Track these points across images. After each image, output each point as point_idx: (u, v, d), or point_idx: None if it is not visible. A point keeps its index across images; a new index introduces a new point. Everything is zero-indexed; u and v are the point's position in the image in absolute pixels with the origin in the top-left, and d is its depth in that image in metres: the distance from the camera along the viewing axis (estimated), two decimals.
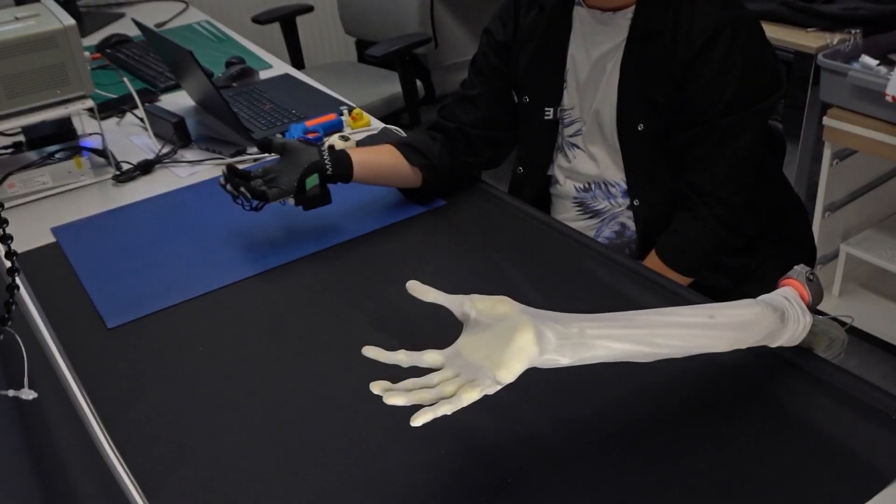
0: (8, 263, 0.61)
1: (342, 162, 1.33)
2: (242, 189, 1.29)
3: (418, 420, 0.77)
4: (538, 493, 0.90)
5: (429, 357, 0.84)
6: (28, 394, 0.62)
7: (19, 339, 0.63)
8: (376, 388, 0.81)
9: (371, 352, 0.85)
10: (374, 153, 1.41)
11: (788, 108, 2.20)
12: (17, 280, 0.60)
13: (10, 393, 0.63)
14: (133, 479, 0.67)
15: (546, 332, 0.81)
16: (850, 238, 2.30)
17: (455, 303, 0.87)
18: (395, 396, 0.80)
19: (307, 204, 1.33)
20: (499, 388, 0.81)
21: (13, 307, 0.60)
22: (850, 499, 0.86)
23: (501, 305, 0.84)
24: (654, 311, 0.90)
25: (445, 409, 0.78)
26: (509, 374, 0.80)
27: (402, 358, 0.85)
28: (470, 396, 0.78)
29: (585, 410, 1.00)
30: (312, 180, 1.30)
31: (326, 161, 1.31)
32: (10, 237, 0.62)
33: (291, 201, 1.31)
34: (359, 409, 1.04)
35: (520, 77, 1.45)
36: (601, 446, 0.95)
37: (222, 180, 1.32)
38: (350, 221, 1.44)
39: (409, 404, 0.80)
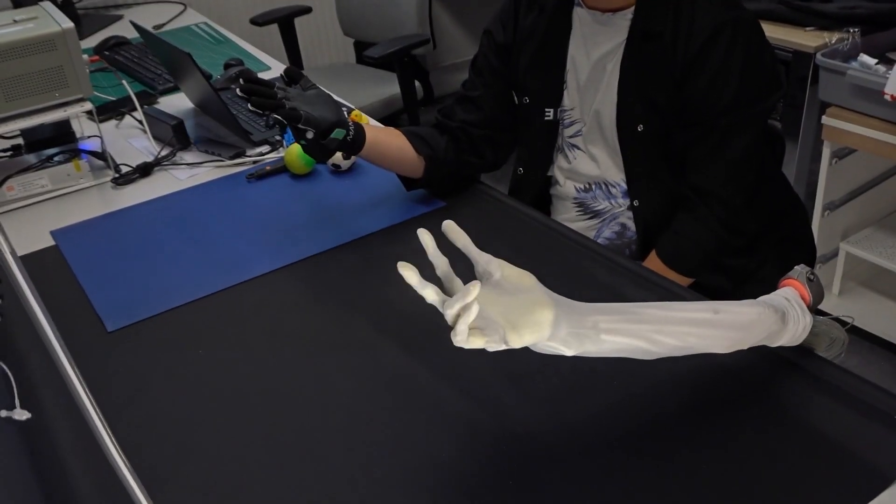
0: None
1: (359, 133, 1.32)
2: (276, 114, 1.20)
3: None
4: (540, 493, 0.89)
5: (458, 283, 0.83)
6: (21, 414, 0.62)
7: (3, 366, 0.63)
8: (405, 268, 0.81)
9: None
10: (385, 134, 1.40)
11: (787, 108, 2.20)
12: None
13: (3, 413, 0.62)
14: (137, 478, 0.67)
15: (562, 321, 0.81)
16: (849, 237, 2.30)
17: (482, 259, 0.86)
18: (427, 289, 0.79)
19: (313, 148, 1.27)
20: (502, 347, 0.80)
21: None
22: (851, 499, 0.86)
23: (527, 279, 0.84)
24: (660, 304, 0.90)
25: (457, 332, 0.77)
26: (519, 340, 0.80)
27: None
28: (476, 341, 0.77)
29: (587, 411, 1.00)
30: (339, 133, 1.27)
31: (350, 126, 1.30)
32: None
33: (310, 134, 1.24)
34: (360, 411, 1.04)
35: (520, 78, 1.45)
36: (603, 447, 0.95)
37: (240, 91, 1.20)
38: (350, 223, 1.44)
39: (428, 299, 0.79)
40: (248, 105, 1.19)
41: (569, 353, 0.84)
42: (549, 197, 1.56)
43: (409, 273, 0.81)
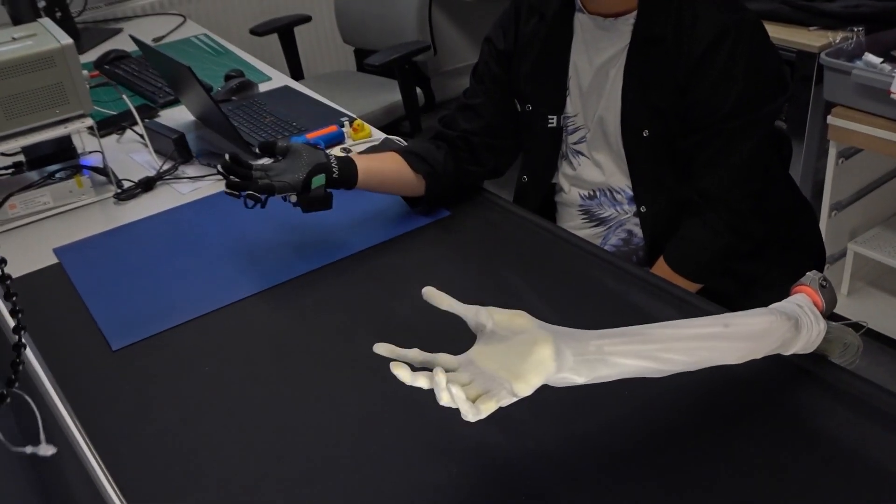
0: (12, 322, 0.60)
1: (347, 167, 1.32)
2: (249, 191, 1.24)
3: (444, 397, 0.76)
4: None
5: (442, 359, 0.82)
6: (47, 449, 0.61)
7: (29, 399, 0.62)
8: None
9: (382, 348, 0.84)
10: (378, 160, 1.39)
11: (792, 108, 2.18)
12: (23, 338, 0.58)
13: (28, 450, 0.61)
14: None
15: (564, 350, 0.80)
16: (857, 237, 2.28)
17: (470, 312, 0.85)
18: (420, 378, 0.78)
19: (309, 204, 1.29)
20: (514, 400, 0.79)
21: (20, 367, 0.59)
22: None
23: (519, 319, 0.83)
24: (669, 323, 0.88)
25: (466, 413, 0.76)
26: (527, 386, 0.78)
27: (415, 356, 0.83)
28: (488, 407, 0.77)
29: (597, 424, 0.99)
30: (319, 180, 1.28)
31: (333, 164, 1.30)
32: (16, 293, 0.60)
33: (294, 198, 1.28)
34: (368, 428, 1.02)
35: (522, 85, 1.43)
36: (615, 459, 0.94)
37: (221, 168, 1.25)
38: (353, 235, 1.43)
39: (424, 387, 0.78)
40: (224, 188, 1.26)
41: (581, 381, 0.82)
42: (555, 204, 1.54)
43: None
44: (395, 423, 1.03)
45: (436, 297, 0.86)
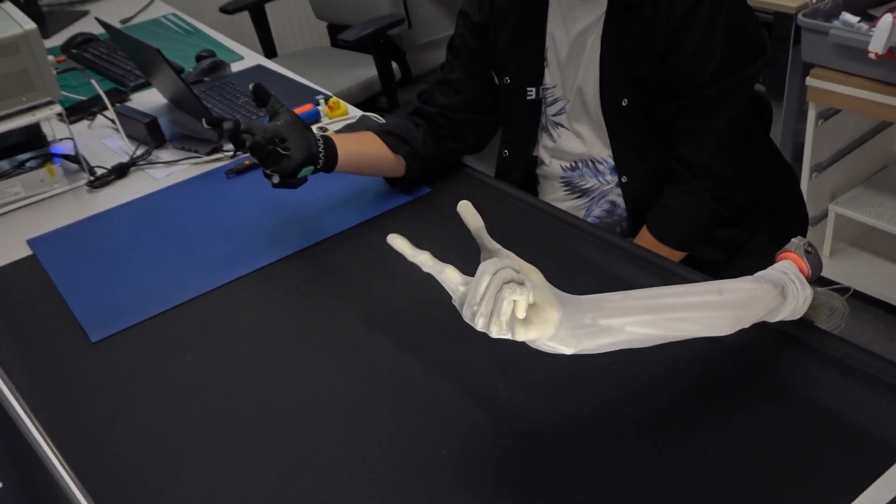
0: None
1: (330, 153, 1.29)
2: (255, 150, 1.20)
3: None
4: (544, 486, 0.88)
5: (450, 273, 0.80)
6: None
7: None
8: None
9: (397, 241, 0.84)
10: (358, 143, 1.37)
11: (771, 70, 2.17)
12: None
13: None
14: None
15: (565, 321, 0.79)
16: (838, 198, 2.29)
17: (493, 247, 0.85)
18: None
19: (283, 186, 1.25)
20: (507, 336, 0.77)
21: None
22: (862, 473, 0.84)
23: (535, 275, 0.81)
24: (663, 290, 0.87)
25: (478, 320, 0.75)
26: (525, 333, 0.77)
27: (425, 259, 0.82)
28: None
29: (588, 400, 0.98)
30: (307, 171, 1.25)
31: (321, 155, 1.26)
32: None
33: (276, 179, 1.24)
34: (356, 410, 1.01)
35: (499, 58, 1.41)
36: (606, 435, 0.93)
37: (232, 125, 1.21)
38: (334, 216, 1.41)
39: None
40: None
41: (568, 351, 0.81)
42: (537, 178, 1.53)
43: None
44: (385, 406, 1.02)
45: (469, 215, 0.87)
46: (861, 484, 0.83)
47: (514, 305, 0.75)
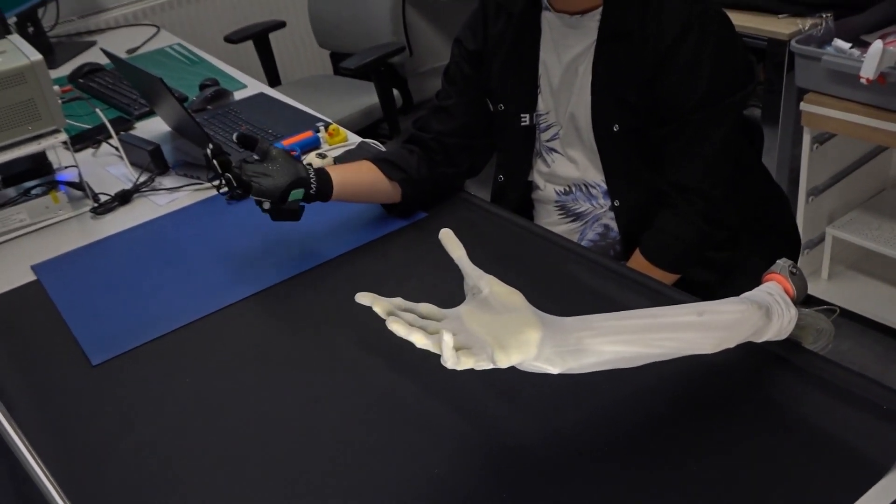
0: None
1: (324, 181, 1.32)
2: (229, 175, 1.25)
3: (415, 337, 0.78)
4: None
5: (425, 308, 0.83)
6: None
7: None
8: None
9: (365, 298, 0.85)
10: (353, 171, 1.40)
11: (767, 94, 2.20)
12: None
13: None
14: None
15: (547, 341, 0.81)
16: (835, 221, 2.30)
17: (474, 273, 0.86)
18: (395, 323, 0.79)
19: (279, 214, 1.28)
20: (490, 367, 0.79)
21: None
22: (845, 492, 0.85)
23: (516, 297, 0.83)
24: (645, 312, 0.89)
25: (447, 359, 0.76)
26: (507, 359, 0.79)
27: (399, 302, 0.84)
28: (467, 362, 0.77)
29: (577, 419, 1.00)
30: (297, 194, 1.28)
31: (312, 180, 1.30)
32: None
33: (267, 205, 1.27)
34: (351, 431, 1.03)
35: (493, 85, 1.44)
36: (595, 454, 0.94)
37: (209, 152, 1.27)
38: (331, 241, 1.43)
39: (404, 336, 0.79)
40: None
41: (554, 371, 0.83)
42: (532, 202, 1.55)
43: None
44: (379, 427, 1.03)
45: (451, 243, 0.89)
46: (845, 502, 0.84)
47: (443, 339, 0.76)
